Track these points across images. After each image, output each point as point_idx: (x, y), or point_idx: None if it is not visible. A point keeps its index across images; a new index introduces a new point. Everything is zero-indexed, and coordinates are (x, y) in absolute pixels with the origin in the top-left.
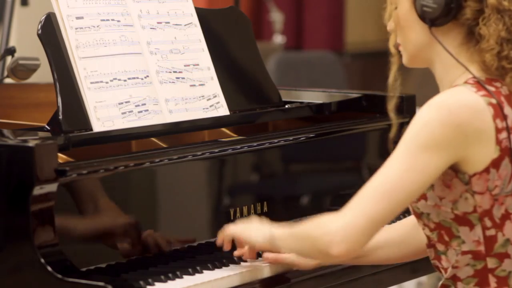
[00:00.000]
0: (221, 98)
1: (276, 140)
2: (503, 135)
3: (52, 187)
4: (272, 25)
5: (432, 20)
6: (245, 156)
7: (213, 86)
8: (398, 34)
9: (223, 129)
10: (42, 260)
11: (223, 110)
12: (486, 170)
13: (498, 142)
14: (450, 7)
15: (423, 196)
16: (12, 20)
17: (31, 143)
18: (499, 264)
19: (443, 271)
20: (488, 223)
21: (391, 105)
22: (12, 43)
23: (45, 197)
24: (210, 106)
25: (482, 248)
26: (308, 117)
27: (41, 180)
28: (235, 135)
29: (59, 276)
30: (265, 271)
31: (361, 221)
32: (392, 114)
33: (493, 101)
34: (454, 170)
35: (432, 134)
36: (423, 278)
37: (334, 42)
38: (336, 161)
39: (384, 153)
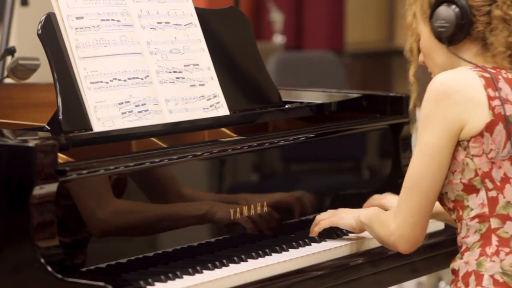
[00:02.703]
0: (221, 98)
1: (276, 140)
2: (496, 102)
3: (52, 187)
4: (272, 25)
5: (448, 38)
6: (245, 156)
7: (213, 86)
8: (426, 62)
9: (223, 129)
10: (42, 260)
11: (223, 110)
12: (480, 134)
13: (491, 108)
14: (461, 24)
15: None
16: (12, 20)
17: (31, 143)
18: (501, 225)
19: (459, 252)
20: (489, 184)
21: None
22: (12, 43)
23: (45, 197)
24: (210, 106)
25: (486, 209)
26: (308, 117)
27: (41, 180)
28: (235, 135)
29: (59, 276)
30: (266, 271)
31: (409, 217)
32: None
33: (486, 75)
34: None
35: (429, 113)
36: (423, 278)
37: (334, 42)
38: (336, 161)
39: (384, 153)
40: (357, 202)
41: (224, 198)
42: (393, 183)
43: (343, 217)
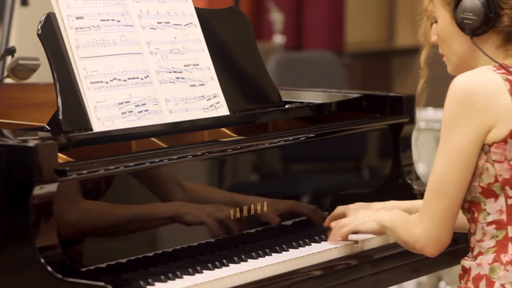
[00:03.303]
0: (221, 98)
1: (276, 140)
2: None
3: (52, 187)
4: (272, 25)
5: (473, 30)
6: (245, 156)
7: (213, 86)
8: (440, 46)
9: (223, 129)
10: (42, 260)
11: (223, 110)
12: (504, 140)
13: None
14: (489, 17)
15: None
16: (12, 20)
17: (31, 143)
18: None
19: (470, 253)
20: (509, 192)
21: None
22: (12, 43)
23: (45, 197)
24: (210, 106)
25: (504, 217)
26: (308, 117)
27: (41, 180)
28: (235, 135)
29: (59, 276)
30: (266, 271)
31: (435, 221)
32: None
33: (511, 77)
34: None
35: (454, 116)
36: (423, 278)
37: (334, 42)
38: (336, 161)
39: (384, 153)
40: (357, 202)
41: (224, 198)
42: (393, 183)
43: (364, 222)
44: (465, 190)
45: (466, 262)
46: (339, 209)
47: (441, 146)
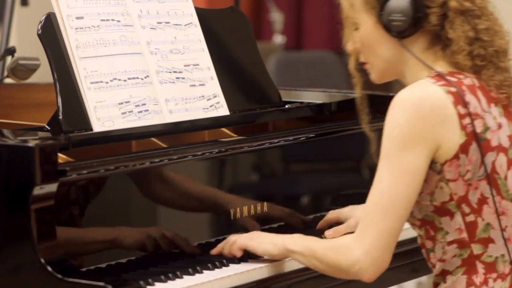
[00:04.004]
0: (221, 98)
1: (276, 140)
2: (467, 120)
3: (52, 187)
4: (272, 25)
5: (401, 32)
6: (245, 156)
7: (213, 86)
8: (363, 53)
9: (223, 129)
10: (42, 260)
11: (223, 110)
12: (456, 156)
13: (463, 127)
14: (417, 16)
15: None
16: (12, 20)
17: (31, 143)
18: (485, 250)
19: (433, 269)
20: (466, 209)
21: (365, 123)
22: (12, 43)
23: (45, 197)
24: (210, 106)
25: (465, 235)
26: (308, 117)
27: (41, 180)
28: (235, 135)
29: (59, 276)
30: (264, 271)
31: (379, 242)
32: (368, 131)
33: (452, 89)
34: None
35: (403, 133)
36: (423, 278)
37: (334, 42)
38: (336, 161)
39: None
40: (357, 202)
41: (224, 197)
42: None
43: (262, 242)
44: (411, 208)
45: (438, 285)
46: (332, 213)
47: (388, 163)
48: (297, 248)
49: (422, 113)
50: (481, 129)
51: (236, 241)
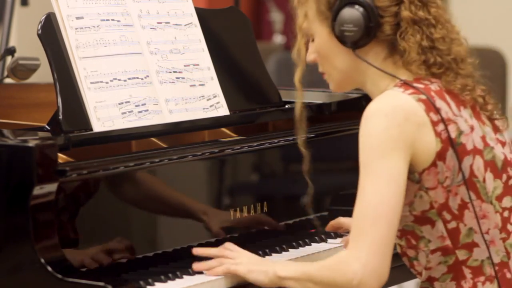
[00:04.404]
0: (221, 98)
1: (276, 140)
2: (441, 127)
3: (52, 187)
4: (272, 25)
5: (354, 42)
6: (245, 156)
7: (213, 86)
8: (320, 63)
9: (223, 129)
10: (42, 260)
11: (223, 110)
12: (433, 164)
13: (437, 134)
14: (369, 26)
15: None
16: (12, 20)
17: (31, 143)
18: (470, 255)
19: (419, 276)
20: (447, 216)
21: (300, 140)
22: (12, 43)
23: (45, 197)
24: (210, 106)
25: (448, 242)
26: (308, 117)
27: (41, 180)
28: (235, 135)
29: (59, 276)
30: None
31: (375, 250)
32: (303, 149)
33: (423, 97)
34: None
35: (380, 140)
36: None
37: None
38: (336, 161)
39: None
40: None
41: (224, 198)
42: None
43: (253, 270)
44: (400, 214)
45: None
46: (340, 221)
47: (369, 172)
48: (290, 274)
49: (397, 121)
50: (455, 134)
51: (223, 266)
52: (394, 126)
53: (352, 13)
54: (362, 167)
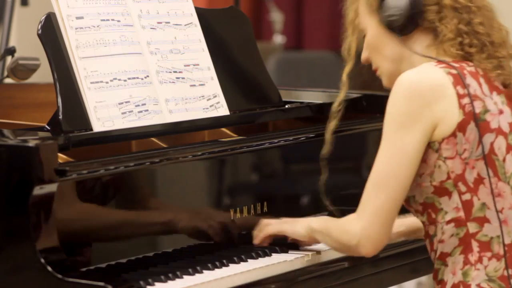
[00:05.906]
0: (221, 98)
1: (276, 140)
2: (466, 100)
3: (52, 187)
4: (272, 25)
5: (400, 28)
6: (245, 156)
7: (213, 86)
8: (372, 58)
9: (223, 129)
10: (42, 260)
11: (223, 110)
12: (453, 134)
13: (461, 106)
14: (413, 13)
15: None
16: (12, 20)
17: (31, 143)
18: (480, 229)
19: (435, 260)
20: (462, 188)
21: (329, 129)
22: (12, 43)
23: (45, 197)
24: (210, 106)
25: (462, 213)
26: (308, 117)
27: (41, 180)
28: (235, 135)
29: (59, 276)
30: (266, 271)
31: (375, 217)
32: (328, 136)
33: (453, 71)
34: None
35: (400, 111)
36: (423, 278)
37: (334, 42)
38: (336, 161)
39: None
40: (357, 202)
41: (224, 198)
42: None
43: (292, 224)
44: (407, 188)
45: (442, 273)
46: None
47: (385, 141)
48: (318, 226)
49: (419, 91)
50: (480, 110)
51: (266, 228)
52: (415, 96)
53: (397, 0)
54: (383, 134)
